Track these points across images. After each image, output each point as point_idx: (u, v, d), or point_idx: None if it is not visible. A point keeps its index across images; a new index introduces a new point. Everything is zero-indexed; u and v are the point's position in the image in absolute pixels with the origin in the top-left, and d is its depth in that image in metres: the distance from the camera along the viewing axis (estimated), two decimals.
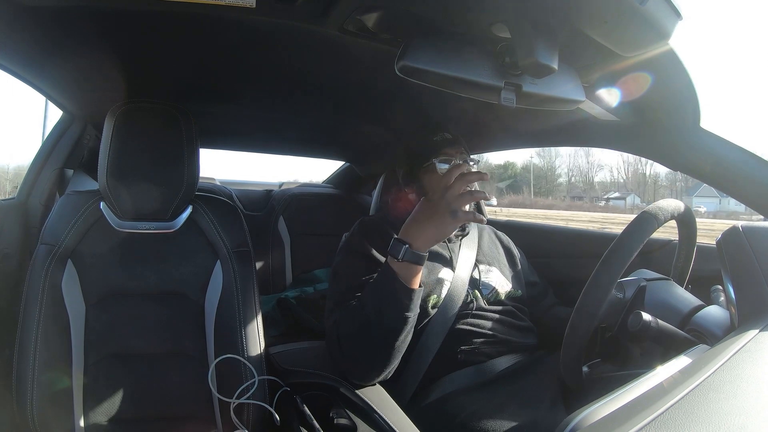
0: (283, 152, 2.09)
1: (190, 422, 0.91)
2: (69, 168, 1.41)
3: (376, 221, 1.03)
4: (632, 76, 0.82)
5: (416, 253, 0.78)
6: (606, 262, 0.69)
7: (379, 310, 0.79)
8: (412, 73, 0.63)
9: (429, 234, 0.78)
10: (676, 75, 0.78)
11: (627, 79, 0.83)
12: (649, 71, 0.78)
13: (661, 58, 0.73)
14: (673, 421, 0.37)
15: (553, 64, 0.61)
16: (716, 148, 0.90)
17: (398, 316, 0.79)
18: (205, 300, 0.95)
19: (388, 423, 0.76)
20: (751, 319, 0.59)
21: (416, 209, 0.82)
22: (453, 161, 1.02)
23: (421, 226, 0.78)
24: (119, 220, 0.93)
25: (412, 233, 0.79)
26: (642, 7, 0.57)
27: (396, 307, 0.79)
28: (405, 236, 0.79)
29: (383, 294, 0.79)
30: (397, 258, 0.78)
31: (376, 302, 0.80)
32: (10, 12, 0.70)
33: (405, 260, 0.77)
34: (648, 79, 0.81)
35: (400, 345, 0.82)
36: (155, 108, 0.94)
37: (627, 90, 0.90)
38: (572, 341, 0.69)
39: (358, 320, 0.82)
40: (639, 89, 0.88)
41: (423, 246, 0.78)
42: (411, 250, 0.77)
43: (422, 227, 0.78)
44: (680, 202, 0.78)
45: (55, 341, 0.86)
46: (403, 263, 0.78)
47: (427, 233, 0.78)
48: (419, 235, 0.78)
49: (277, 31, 0.78)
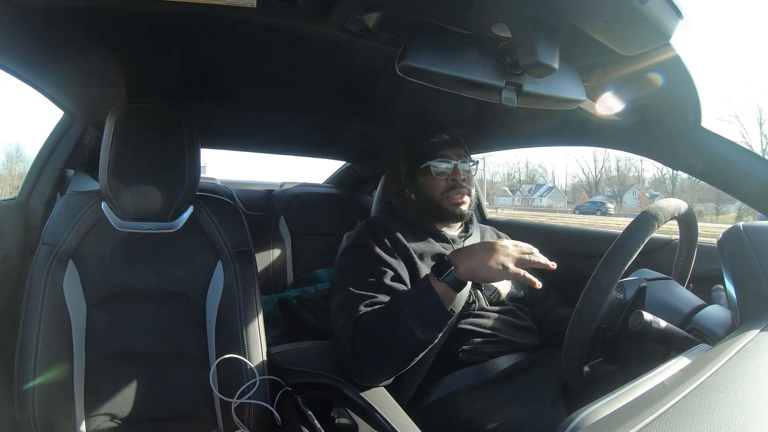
0: (284, 152, 2.09)
1: (192, 422, 0.92)
2: (70, 168, 1.42)
3: (381, 222, 1.03)
4: (633, 75, 0.82)
5: (457, 278, 0.78)
6: (606, 264, 0.69)
7: (409, 324, 0.79)
8: (413, 72, 0.63)
9: (473, 266, 0.78)
10: (677, 74, 0.78)
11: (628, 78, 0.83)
12: (650, 71, 0.78)
13: (662, 58, 0.73)
14: (674, 420, 0.37)
15: (554, 63, 0.62)
16: (717, 148, 0.90)
17: (427, 333, 0.80)
18: (206, 300, 0.95)
19: (389, 423, 0.76)
20: (752, 319, 0.59)
21: (480, 242, 0.84)
22: (450, 163, 1.03)
23: (474, 256, 0.79)
24: (120, 220, 0.93)
25: (461, 259, 0.79)
26: (642, 6, 0.57)
27: (428, 324, 0.80)
28: (453, 259, 0.80)
29: (419, 308, 0.80)
30: (438, 277, 0.79)
31: (408, 316, 0.80)
32: (11, 12, 0.70)
33: (445, 281, 0.78)
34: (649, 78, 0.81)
35: (415, 359, 0.83)
36: (156, 108, 0.94)
37: (628, 89, 0.90)
38: (573, 342, 0.69)
39: (382, 327, 0.82)
40: (640, 89, 0.88)
41: (464, 274, 0.78)
42: (454, 274, 0.78)
43: (473, 258, 0.79)
44: (681, 201, 0.78)
45: (57, 341, 0.86)
46: (441, 284, 0.79)
47: (472, 265, 0.78)
48: (466, 263, 0.78)
49: (278, 31, 0.79)
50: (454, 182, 1.03)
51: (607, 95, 0.91)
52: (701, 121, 0.89)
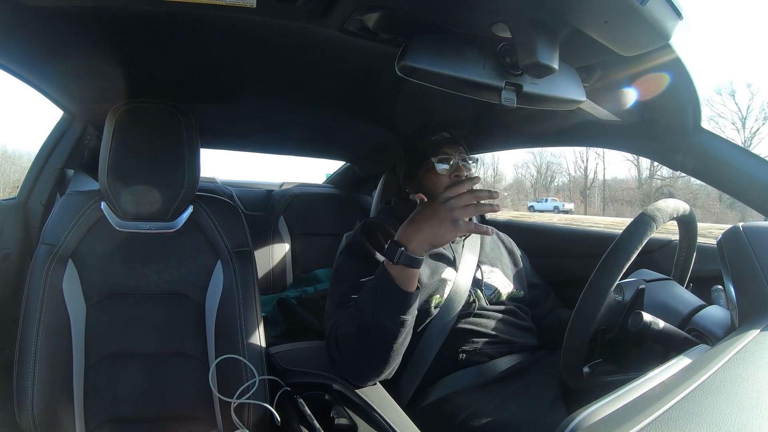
0: (284, 152, 2.09)
1: (191, 422, 0.91)
2: (69, 168, 1.41)
3: (378, 223, 1.03)
4: (633, 76, 0.82)
5: (411, 256, 0.75)
6: (604, 266, 0.69)
7: (376, 313, 0.78)
8: (413, 73, 0.63)
9: (425, 238, 0.76)
10: (677, 75, 0.78)
11: (628, 79, 0.84)
12: (650, 71, 0.78)
13: (662, 58, 0.73)
14: (673, 421, 0.37)
15: (554, 64, 0.61)
16: (717, 148, 0.90)
17: (394, 319, 0.78)
18: (205, 300, 0.95)
19: (388, 423, 0.76)
20: (752, 319, 0.59)
21: (416, 211, 0.79)
22: (452, 160, 1.02)
23: (419, 228, 0.76)
24: (120, 220, 0.93)
25: (408, 236, 0.76)
26: (642, 7, 0.57)
27: (392, 310, 0.77)
28: (401, 238, 0.77)
29: (379, 297, 0.78)
30: (392, 261, 0.76)
31: (372, 305, 0.78)
32: (11, 12, 0.70)
33: (400, 263, 0.75)
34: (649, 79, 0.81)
35: (398, 348, 0.80)
36: (156, 108, 0.94)
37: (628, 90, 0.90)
38: (572, 344, 0.69)
39: (355, 323, 0.81)
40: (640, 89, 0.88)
41: (418, 249, 0.75)
42: (406, 253, 0.75)
43: (419, 230, 0.76)
44: (680, 201, 0.78)
45: (56, 341, 0.86)
46: (398, 266, 0.76)
47: (422, 237, 0.75)
48: (415, 238, 0.75)
49: (278, 31, 0.79)
50: (457, 179, 1.02)
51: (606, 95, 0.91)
52: (701, 121, 0.89)
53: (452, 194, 0.76)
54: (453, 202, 0.75)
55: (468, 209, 0.75)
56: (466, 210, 0.75)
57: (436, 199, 0.78)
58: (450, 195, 0.76)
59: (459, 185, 0.77)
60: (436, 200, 0.77)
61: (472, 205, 0.75)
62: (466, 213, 0.75)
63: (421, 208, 0.79)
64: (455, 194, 0.76)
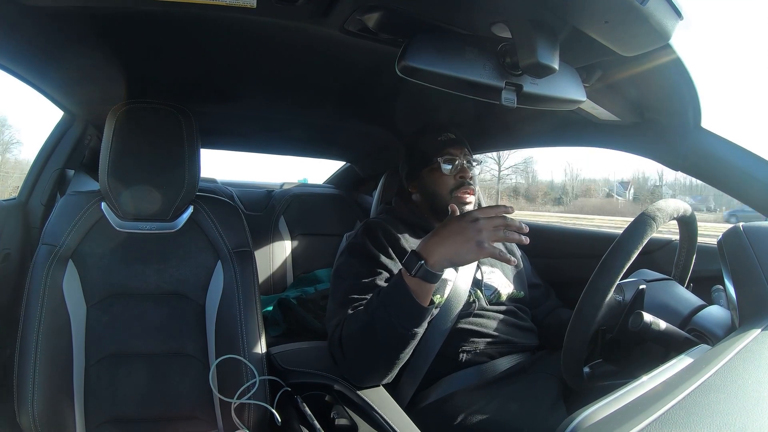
0: (284, 152, 2.09)
1: (191, 422, 0.91)
2: (70, 168, 1.41)
3: (380, 223, 1.03)
4: (633, 76, 0.82)
5: (430, 271, 0.73)
6: (604, 266, 0.69)
7: (387, 321, 0.77)
8: (413, 73, 0.63)
9: (447, 254, 0.73)
10: (677, 75, 0.78)
11: (628, 79, 0.83)
12: (650, 71, 0.78)
13: (662, 58, 0.73)
14: (674, 421, 0.37)
15: (554, 64, 0.61)
16: (717, 148, 0.90)
17: (405, 331, 0.77)
18: (205, 300, 0.95)
19: (388, 423, 0.76)
20: (752, 319, 0.59)
21: (442, 225, 0.77)
22: (456, 161, 1.02)
23: (442, 243, 0.74)
24: (120, 220, 0.93)
25: (430, 249, 0.74)
26: (642, 7, 0.57)
27: (404, 322, 0.77)
28: (422, 250, 0.75)
29: (393, 306, 0.77)
30: (410, 272, 0.74)
31: (384, 313, 0.78)
32: (11, 12, 0.70)
33: (417, 276, 0.74)
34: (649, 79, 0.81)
35: (403, 356, 0.81)
36: (156, 108, 0.94)
37: (628, 90, 0.90)
38: (572, 345, 0.69)
39: (363, 327, 0.80)
40: (640, 89, 0.88)
41: (438, 265, 0.73)
42: (425, 267, 0.73)
43: (442, 245, 0.74)
44: (680, 201, 0.78)
45: (56, 341, 0.86)
46: (414, 279, 0.75)
47: (444, 252, 0.73)
48: (437, 252, 0.74)
49: (278, 31, 0.79)
50: (462, 180, 1.02)
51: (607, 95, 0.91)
52: (701, 121, 0.89)
53: (483, 215, 0.74)
54: (483, 223, 0.73)
55: (497, 233, 0.73)
56: (495, 234, 0.73)
57: (465, 216, 0.76)
58: (480, 215, 0.74)
59: (491, 208, 0.75)
60: (465, 217, 0.75)
61: (502, 229, 0.73)
62: (493, 237, 0.73)
63: (448, 222, 0.77)
64: (486, 215, 0.74)
